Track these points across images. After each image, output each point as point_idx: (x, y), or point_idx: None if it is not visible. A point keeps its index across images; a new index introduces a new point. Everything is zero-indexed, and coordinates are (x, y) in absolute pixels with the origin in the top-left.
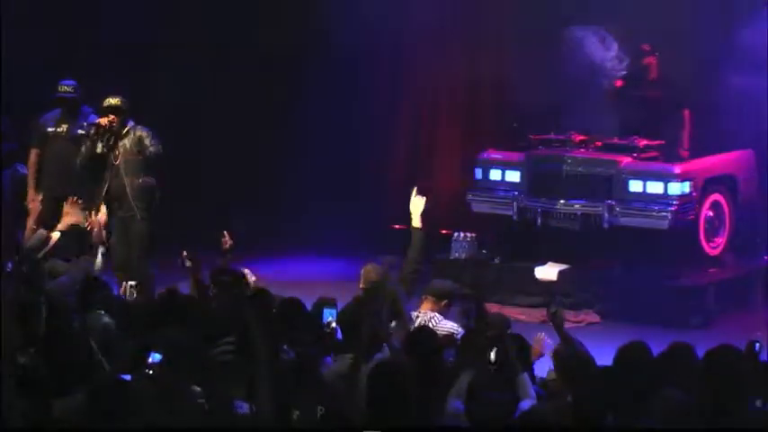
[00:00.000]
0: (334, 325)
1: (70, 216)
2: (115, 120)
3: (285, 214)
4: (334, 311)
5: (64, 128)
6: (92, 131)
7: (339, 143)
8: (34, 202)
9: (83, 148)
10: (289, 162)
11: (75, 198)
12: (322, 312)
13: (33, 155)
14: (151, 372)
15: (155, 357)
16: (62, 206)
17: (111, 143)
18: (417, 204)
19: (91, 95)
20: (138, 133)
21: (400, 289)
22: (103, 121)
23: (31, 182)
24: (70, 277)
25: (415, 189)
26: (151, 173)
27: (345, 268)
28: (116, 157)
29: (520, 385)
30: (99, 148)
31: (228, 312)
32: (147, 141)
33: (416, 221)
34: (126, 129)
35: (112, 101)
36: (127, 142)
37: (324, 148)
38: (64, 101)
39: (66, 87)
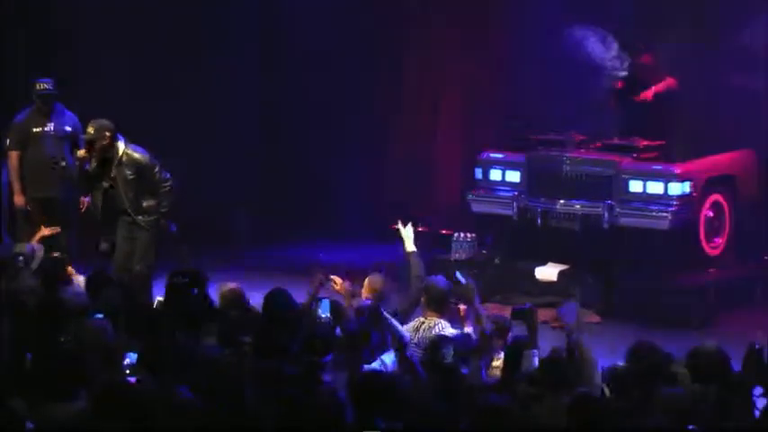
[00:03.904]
0: (327, 315)
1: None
2: (91, 149)
3: (283, 213)
4: (327, 302)
5: (51, 126)
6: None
7: (337, 141)
8: (26, 205)
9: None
10: (288, 160)
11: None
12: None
13: (15, 157)
14: (128, 372)
15: (131, 358)
16: (50, 207)
17: (97, 165)
18: (407, 234)
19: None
20: (134, 158)
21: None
22: (81, 153)
23: (16, 185)
24: None
25: (400, 221)
26: (152, 193)
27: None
28: (110, 179)
29: (526, 359)
30: (91, 169)
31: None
32: (156, 181)
33: (410, 246)
34: (119, 153)
35: (90, 129)
36: (124, 170)
37: (323, 145)
38: (46, 98)
39: (46, 85)
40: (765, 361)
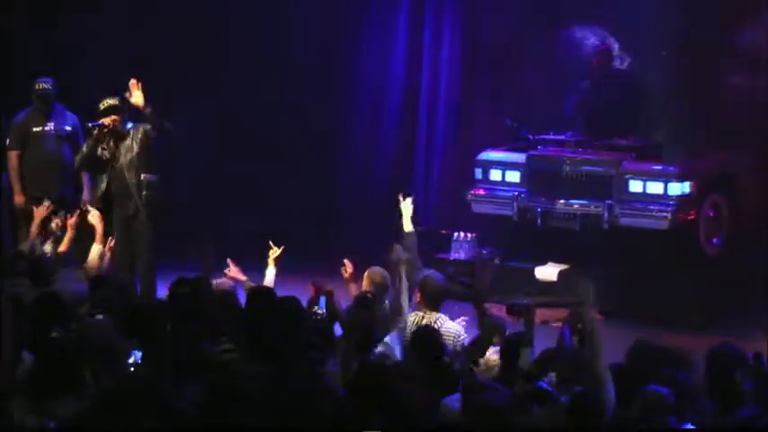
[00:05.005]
0: (322, 311)
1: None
2: (116, 119)
3: (285, 214)
4: (323, 299)
5: (51, 126)
6: (95, 132)
7: (338, 141)
8: (26, 205)
9: (83, 148)
10: (287, 159)
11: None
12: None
13: (14, 157)
14: (133, 369)
15: (136, 355)
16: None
17: (111, 145)
18: (406, 208)
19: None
20: (141, 128)
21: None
22: (107, 121)
23: (16, 185)
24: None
25: (401, 194)
26: (153, 170)
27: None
28: (117, 159)
29: (523, 357)
30: (100, 152)
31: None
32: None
33: (407, 226)
34: (128, 130)
35: (111, 101)
36: (129, 141)
37: (323, 144)
38: (46, 98)
39: (45, 85)
40: (765, 368)
